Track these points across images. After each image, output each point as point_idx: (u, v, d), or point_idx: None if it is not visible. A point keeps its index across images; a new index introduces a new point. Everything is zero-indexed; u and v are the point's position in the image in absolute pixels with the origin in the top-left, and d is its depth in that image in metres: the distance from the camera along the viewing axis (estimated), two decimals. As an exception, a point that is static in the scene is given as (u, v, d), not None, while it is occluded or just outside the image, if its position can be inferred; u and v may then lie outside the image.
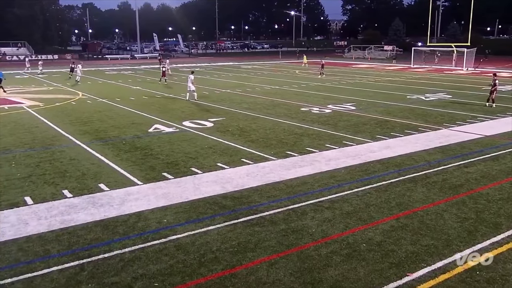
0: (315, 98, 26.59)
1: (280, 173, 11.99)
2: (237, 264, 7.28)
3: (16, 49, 78.07)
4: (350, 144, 15.10)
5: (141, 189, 10.82)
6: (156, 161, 13.19)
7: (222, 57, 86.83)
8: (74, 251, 7.72)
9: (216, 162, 12.95)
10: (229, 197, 10.22)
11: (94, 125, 18.73)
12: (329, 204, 9.79)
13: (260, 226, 8.71)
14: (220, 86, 33.36)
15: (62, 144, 15.50)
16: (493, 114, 20.59)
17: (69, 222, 8.87)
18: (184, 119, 19.62)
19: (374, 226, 8.70)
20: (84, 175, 11.84)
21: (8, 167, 12.64)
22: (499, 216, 9.16)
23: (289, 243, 7.99)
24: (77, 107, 23.97)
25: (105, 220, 8.99)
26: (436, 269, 7.09)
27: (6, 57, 70.99)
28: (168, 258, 7.49)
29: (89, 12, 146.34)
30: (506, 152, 14.06)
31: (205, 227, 8.65)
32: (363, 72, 48.70)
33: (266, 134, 16.69)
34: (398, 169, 12.33)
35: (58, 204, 9.83)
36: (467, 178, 11.58)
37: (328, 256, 7.53)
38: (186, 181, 11.38)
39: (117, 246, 7.90)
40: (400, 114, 20.98)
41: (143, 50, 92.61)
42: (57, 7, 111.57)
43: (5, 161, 13.18)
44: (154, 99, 26.86)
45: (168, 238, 8.18)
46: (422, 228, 8.57)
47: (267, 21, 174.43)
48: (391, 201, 9.96)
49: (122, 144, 15.37)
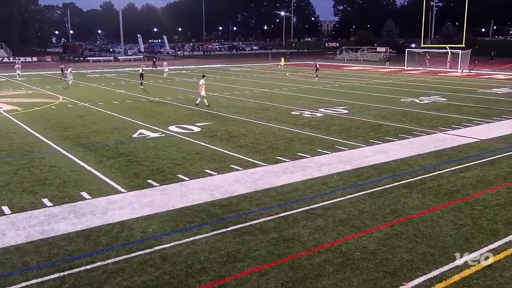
0: (306, 102, 26.70)
1: (271, 179, 11.99)
2: (226, 275, 7.25)
3: (-8, 51, 77.39)
4: (343, 149, 15.16)
5: (125, 197, 10.75)
6: (141, 167, 13.12)
7: (210, 59, 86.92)
8: (54, 263, 7.63)
9: (204, 169, 12.91)
10: (217, 205, 10.19)
11: (76, 130, 18.59)
12: (322, 212, 9.81)
13: (250, 235, 8.69)
14: (208, 89, 33.20)
15: (42, 150, 15.35)
16: (489, 118, 20.84)
17: (49, 232, 8.77)
18: (170, 124, 19.57)
19: (368, 233, 8.73)
20: (65, 183, 11.73)
21: (-16, 175, 12.49)
22: (496, 222, 9.24)
23: (280, 252, 7.98)
24: (57, 111, 23.79)
25: (87, 230, 8.90)
26: (432, 278, 7.12)
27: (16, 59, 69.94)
28: (154, 269, 7.43)
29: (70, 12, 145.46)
30: (503, 157, 14.22)
31: (193, 236, 8.61)
32: (355, 74, 49.03)
33: (256, 139, 16.70)
34: (393, 175, 12.40)
35: (37, 213, 9.72)
36: (463, 183, 11.68)
37: (321, 265, 7.53)
38: (172, 188, 11.33)
39: (100, 257, 7.82)
40: (394, 117, 21.14)
41: (127, 52, 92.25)
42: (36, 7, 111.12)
43: (-19, 169, 13.03)
44: (138, 103, 26.76)
45: (154, 249, 8.12)
46: (417, 236, 8.61)
47: (256, 21, 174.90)
48: (386, 208, 10.01)
49: (105, 150, 15.27)
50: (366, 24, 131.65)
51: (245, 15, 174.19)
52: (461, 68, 49.73)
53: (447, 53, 53.20)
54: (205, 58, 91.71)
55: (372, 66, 63.07)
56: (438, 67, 53.55)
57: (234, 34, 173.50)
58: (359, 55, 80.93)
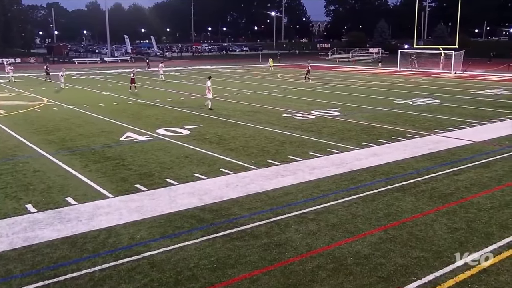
0: (297, 104, 26.76)
1: (262, 183, 12.00)
2: (216, 282, 7.23)
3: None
4: (335, 152, 15.21)
5: (112, 202, 10.69)
6: (128, 172, 13.06)
7: (199, 60, 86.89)
8: (39, 270, 7.57)
9: (193, 173, 12.89)
10: (207, 210, 10.17)
11: (61, 133, 18.47)
12: (314, 216, 9.83)
13: (240, 240, 8.68)
14: (197, 91, 33.28)
15: (26, 154, 15.22)
16: (482, 119, 21.03)
17: (33, 239, 8.70)
18: (158, 127, 19.51)
19: (361, 238, 8.76)
20: (50, 188, 11.65)
21: (-34, 180, 12.36)
22: (491, 225, 9.32)
23: (272, 258, 7.97)
24: (42, 114, 23.62)
25: (73, 236, 8.84)
26: (426, 283, 7.16)
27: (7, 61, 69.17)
28: (142, 276, 7.39)
29: (55, 13, 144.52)
30: (497, 159, 14.36)
31: (182, 242, 8.59)
32: (347, 75, 49.26)
33: (246, 142, 16.70)
34: (386, 178, 12.46)
35: (21, 220, 9.64)
36: (457, 186, 11.77)
37: (313, 271, 7.54)
38: (160, 193, 11.29)
39: (86, 264, 7.77)
40: (386, 119, 21.26)
41: (114, 53, 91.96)
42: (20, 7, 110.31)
43: (-38, 174, 12.90)
44: (126, 105, 26.65)
45: (142, 255, 8.09)
46: (411, 240, 8.66)
47: (246, 22, 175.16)
48: (379, 212, 10.05)
49: (91, 154, 15.18)
50: (358, 24, 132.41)
51: (235, 15, 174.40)
52: (454, 69, 50.14)
53: (440, 54, 53.61)
54: (194, 59, 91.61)
55: (365, 67, 63.40)
56: (431, 68, 53.94)
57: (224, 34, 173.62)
58: (351, 56, 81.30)
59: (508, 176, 12.55)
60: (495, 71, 51.54)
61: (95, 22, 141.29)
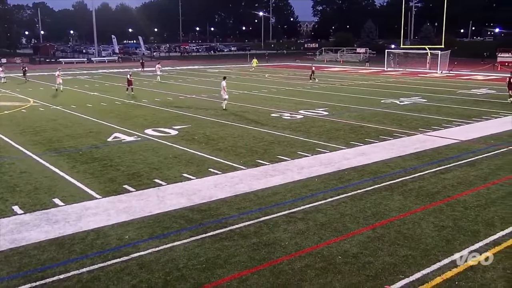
0: (285, 103, 26.81)
1: (250, 183, 12.00)
2: (206, 282, 7.22)
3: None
4: (323, 151, 15.26)
5: (100, 203, 10.62)
6: (116, 172, 12.99)
7: (187, 60, 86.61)
8: (26, 273, 7.49)
9: (182, 173, 12.85)
10: (196, 210, 10.14)
11: (47, 134, 18.30)
12: (303, 215, 9.85)
13: (229, 240, 8.67)
14: (185, 91, 33.21)
15: (12, 155, 15.06)
16: (468, 118, 21.24)
17: (20, 241, 8.61)
18: (146, 127, 19.42)
19: (350, 237, 8.80)
20: (37, 189, 11.54)
21: (-49, 182, 12.19)
22: (477, 223, 9.42)
23: (261, 258, 7.98)
24: (28, 115, 23.39)
25: (61, 238, 8.77)
26: (414, 281, 7.22)
27: None
28: (131, 277, 7.35)
29: (41, 12, 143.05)
30: (483, 157, 14.51)
31: (171, 242, 8.56)
32: (335, 75, 49.45)
33: (235, 142, 16.69)
34: (374, 177, 12.53)
35: (7, 221, 9.54)
36: (444, 184, 11.88)
37: (302, 270, 7.56)
38: (149, 193, 11.24)
39: (74, 266, 7.71)
40: (374, 119, 21.38)
41: (101, 53, 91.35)
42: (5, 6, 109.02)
43: None
44: (113, 106, 26.49)
45: (130, 256, 8.04)
46: (399, 238, 8.72)
47: (234, 22, 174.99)
48: (367, 211, 10.11)
49: (79, 155, 15.07)
50: (345, 24, 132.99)
51: (223, 15, 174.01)
52: (440, 69, 50.58)
53: (427, 54, 54.03)
54: (182, 59, 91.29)
55: (352, 67, 63.69)
56: (418, 68, 54.34)
57: (212, 35, 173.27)
58: (339, 56, 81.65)
59: (494, 174, 12.70)
60: (480, 70, 52.08)
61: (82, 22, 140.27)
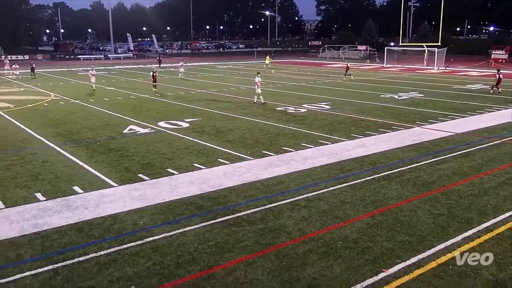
0: (290, 98, 26.71)
1: (257, 172, 12.00)
2: (215, 265, 7.25)
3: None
4: (326, 143, 15.23)
5: (117, 191, 10.67)
6: (132, 162, 13.03)
7: (198, 57, 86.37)
8: (48, 255, 7.56)
9: (193, 163, 12.87)
10: (206, 198, 10.17)
11: (67, 126, 18.38)
12: (306, 203, 9.86)
13: (237, 226, 8.70)
14: (196, 86, 33.18)
15: (34, 146, 15.15)
16: (463, 112, 21.09)
17: (42, 225, 8.68)
18: (159, 120, 19.45)
19: (350, 223, 8.80)
20: (58, 178, 11.61)
21: (-22, 170, 12.30)
22: (470, 211, 9.38)
23: (267, 243, 8.00)
24: (49, 108, 23.49)
25: (80, 223, 8.83)
26: (410, 265, 7.22)
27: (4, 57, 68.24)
28: (145, 260, 7.40)
29: (61, 12, 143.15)
30: (476, 149, 14.42)
31: (182, 228, 8.60)
32: (337, 71, 49.16)
33: (242, 134, 16.68)
34: (373, 167, 12.49)
35: (30, 207, 9.62)
36: (439, 175, 11.82)
37: (305, 254, 7.57)
38: (162, 182, 11.28)
39: (93, 249, 7.77)
40: (374, 113, 21.27)
41: (117, 51, 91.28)
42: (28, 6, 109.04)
43: (-25, 165, 12.83)
44: (128, 99, 26.53)
45: (145, 240, 8.10)
46: (396, 225, 8.71)
47: (242, 21, 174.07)
48: (366, 199, 10.09)
49: (97, 145, 15.13)
50: (347, 23, 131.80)
51: (231, 14, 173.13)
52: (437, 65, 50.17)
53: (424, 51, 53.58)
54: (193, 56, 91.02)
55: (353, 63, 63.24)
56: (416, 64, 53.91)
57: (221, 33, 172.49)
58: (340, 53, 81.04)
59: (487, 166, 12.62)
60: (475, 67, 51.60)
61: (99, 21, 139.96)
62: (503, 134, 16.48)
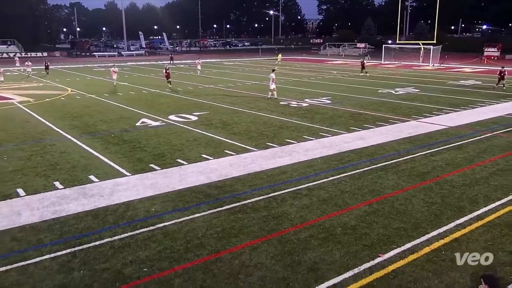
0: (293, 93, 26.63)
1: (261, 163, 12.01)
2: (222, 249, 7.29)
3: (5, 46, 76.18)
4: (326, 136, 15.20)
5: (130, 180, 10.72)
6: (144, 153, 13.07)
7: (206, 54, 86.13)
8: (66, 239, 7.63)
9: (201, 154, 12.89)
10: (213, 186, 10.20)
11: (84, 119, 18.43)
12: (307, 192, 9.86)
13: (242, 213, 8.73)
14: (204, 82, 33.13)
15: (53, 138, 15.23)
16: (457, 107, 20.96)
17: (61, 212, 8.75)
18: (170, 113, 19.46)
19: (349, 211, 8.80)
20: (75, 168, 11.67)
21: (0, 160, 12.37)
22: (462, 200, 9.36)
23: (270, 229, 8.03)
24: (66, 102, 23.55)
25: (96, 209, 8.89)
26: (405, 250, 7.23)
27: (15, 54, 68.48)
28: (156, 244, 7.45)
29: (77, 11, 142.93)
30: (469, 142, 14.35)
31: (191, 215, 8.64)
32: (337, 68, 48.93)
33: (248, 127, 16.67)
34: (371, 158, 12.47)
35: (50, 195, 9.69)
36: (433, 166, 11.78)
37: (307, 240, 7.59)
38: (172, 172, 11.32)
39: (108, 234, 7.83)
40: (372, 107, 21.17)
41: (130, 48, 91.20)
42: (46, 6, 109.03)
43: (-3, 155, 12.91)
44: (141, 94, 26.54)
45: (156, 226, 8.15)
46: (392, 213, 8.70)
47: (247, 20, 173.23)
48: (364, 188, 10.08)
49: (111, 137, 15.17)
50: (347, 22, 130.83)
51: (237, 14, 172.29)
52: (432, 62, 49.80)
53: (420, 48, 53.18)
54: (201, 53, 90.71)
55: (353, 60, 62.92)
56: (412, 61, 53.53)
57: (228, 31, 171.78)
58: (341, 50, 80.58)
59: (479, 157, 12.57)
60: (468, 64, 51.19)
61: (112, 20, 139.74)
62: (494, 128, 16.38)
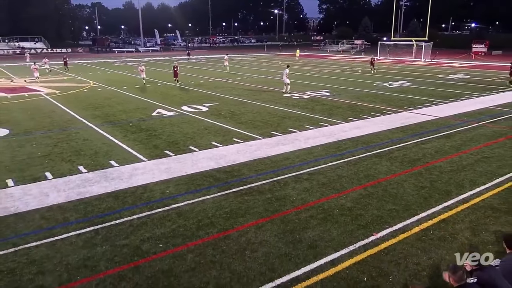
0: (295, 86, 26.40)
1: (266, 150, 12.02)
2: (230, 228, 7.34)
3: (33, 43, 76.23)
4: (325, 125, 15.14)
5: (147, 164, 10.78)
6: (159, 140, 13.11)
7: (215, 50, 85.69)
8: (89, 218, 7.71)
9: (211, 141, 12.91)
10: (222, 171, 10.23)
11: (104, 109, 18.48)
12: (308, 176, 9.87)
13: (249, 195, 8.76)
14: (214, 76, 33.02)
15: (77, 126, 15.30)
16: (446, 99, 20.76)
17: (85, 193, 8.83)
18: (182, 104, 19.45)
19: (345, 194, 8.81)
20: (97, 153, 11.74)
21: (30, 147, 12.47)
22: (450, 184, 9.33)
23: (274, 209, 8.06)
24: (89, 94, 23.60)
25: (116, 191, 8.96)
26: (397, 230, 7.24)
27: (25, 51, 68.87)
28: (171, 223, 7.52)
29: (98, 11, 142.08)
30: (457, 131, 14.24)
31: (202, 196, 8.68)
32: (336, 63, 48.52)
33: (254, 117, 16.64)
34: (366, 146, 12.43)
35: (74, 178, 9.77)
36: (423, 153, 11.73)
37: (307, 220, 7.62)
38: (185, 157, 11.35)
39: (127, 213, 7.90)
40: (367, 99, 21.03)
41: (146, 44, 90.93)
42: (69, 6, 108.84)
43: (27, 142, 13.00)
44: (156, 87, 26.52)
45: (171, 206, 8.20)
46: (385, 196, 8.70)
47: (254, 18, 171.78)
48: (360, 173, 10.07)
49: (129, 126, 15.22)
50: (346, 20, 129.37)
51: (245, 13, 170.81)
52: (424, 58, 49.26)
53: (413, 45, 52.57)
54: (211, 49, 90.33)
55: (351, 56, 62.34)
56: (405, 56, 52.96)
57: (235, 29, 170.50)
58: (339, 47, 79.79)
59: (465, 145, 12.48)
60: (457, 59, 50.57)
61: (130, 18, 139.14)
62: (480, 118, 16.23)
